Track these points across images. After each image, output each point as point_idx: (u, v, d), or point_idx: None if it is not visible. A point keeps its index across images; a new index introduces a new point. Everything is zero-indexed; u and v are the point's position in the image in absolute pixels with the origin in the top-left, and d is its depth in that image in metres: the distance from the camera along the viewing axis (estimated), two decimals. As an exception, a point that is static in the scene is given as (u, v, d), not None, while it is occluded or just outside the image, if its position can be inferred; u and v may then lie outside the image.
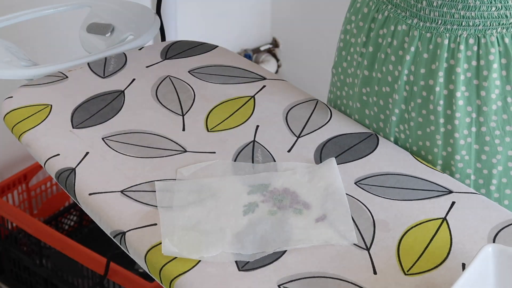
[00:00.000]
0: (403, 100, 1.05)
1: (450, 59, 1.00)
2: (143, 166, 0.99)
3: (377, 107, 1.09)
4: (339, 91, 1.17)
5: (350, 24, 1.12)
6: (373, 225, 0.91)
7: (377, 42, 1.07)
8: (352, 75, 1.13)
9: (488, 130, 1.01)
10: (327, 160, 1.00)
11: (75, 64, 1.22)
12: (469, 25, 0.98)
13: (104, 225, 0.93)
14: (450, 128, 1.02)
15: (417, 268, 0.85)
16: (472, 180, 1.03)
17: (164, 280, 0.85)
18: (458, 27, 0.99)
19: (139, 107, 1.11)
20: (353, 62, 1.12)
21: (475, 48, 0.98)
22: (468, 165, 1.03)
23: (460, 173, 1.03)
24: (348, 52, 1.13)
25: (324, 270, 0.85)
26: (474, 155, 1.02)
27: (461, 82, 1.00)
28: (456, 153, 1.03)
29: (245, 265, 0.85)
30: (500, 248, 0.80)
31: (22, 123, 1.07)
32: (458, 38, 0.99)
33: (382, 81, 1.07)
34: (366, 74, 1.09)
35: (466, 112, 1.01)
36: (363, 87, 1.10)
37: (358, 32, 1.10)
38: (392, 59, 1.05)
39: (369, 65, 1.09)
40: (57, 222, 2.11)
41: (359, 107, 1.12)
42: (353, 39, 1.11)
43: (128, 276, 1.72)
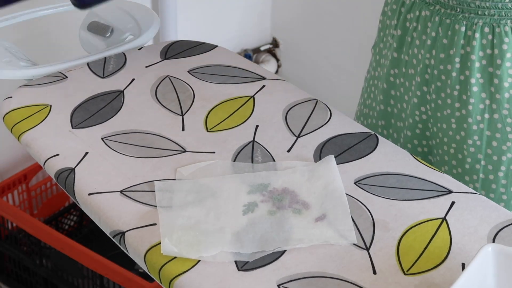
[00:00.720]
0: (425, 83, 1.10)
1: (466, 46, 1.04)
2: (143, 166, 0.99)
3: (403, 88, 1.14)
4: (374, 71, 1.21)
5: (387, 6, 1.16)
6: (373, 225, 0.91)
7: (404, 26, 1.11)
8: (385, 56, 1.17)
9: (500, 118, 1.04)
10: (326, 157, 1.00)
11: (75, 64, 1.22)
12: (485, 14, 1.02)
13: (103, 225, 0.93)
14: (464, 113, 1.06)
15: (417, 268, 0.85)
16: (482, 166, 1.06)
17: (163, 280, 0.85)
18: (474, 16, 1.02)
19: (139, 107, 1.11)
20: (387, 43, 1.16)
21: (490, 37, 1.02)
22: (479, 150, 1.06)
23: (471, 157, 1.06)
24: (384, 34, 1.17)
25: (324, 270, 0.85)
26: (485, 141, 1.05)
27: (475, 69, 1.04)
28: (469, 138, 1.06)
29: (244, 265, 0.85)
30: (500, 248, 0.80)
31: (22, 123, 1.07)
32: (474, 26, 1.02)
33: (408, 64, 1.12)
34: (395, 56, 1.14)
35: (480, 98, 1.04)
36: (392, 68, 1.15)
37: (392, 15, 1.14)
38: (417, 43, 1.09)
39: (398, 47, 1.13)
40: (57, 222, 2.11)
41: (385, 87, 1.16)
42: (388, 21, 1.16)
43: (128, 276, 1.72)
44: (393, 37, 1.14)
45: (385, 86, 1.17)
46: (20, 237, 1.93)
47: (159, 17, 1.47)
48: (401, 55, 1.13)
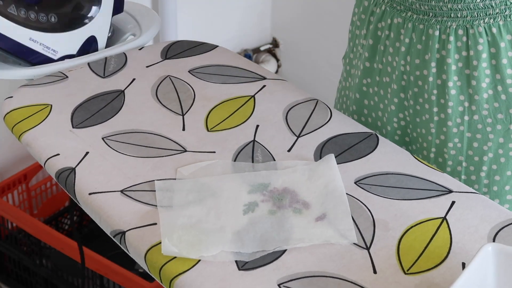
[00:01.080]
0: (402, 89, 1.09)
1: (442, 50, 1.03)
2: (143, 166, 0.99)
3: (378, 96, 1.13)
4: (345, 81, 1.20)
5: (354, 16, 1.15)
6: (373, 224, 0.91)
7: (376, 35, 1.10)
8: (355, 66, 1.16)
9: (480, 118, 1.04)
10: (326, 156, 1.00)
11: (75, 64, 1.22)
12: (458, 16, 1.01)
13: (104, 224, 0.93)
14: (443, 116, 1.06)
15: (417, 267, 0.85)
16: (463, 167, 1.06)
17: (164, 279, 0.85)
18: (447, 19, 1.02)
19: (139, 107, 1.11)
20: (357, 53, 1.15)
21: (464, 39, 1.01)
22: (460, 152, 1.06)
23: (452, 160, 1.06)
24: (354, 44, 1.16)
25: (324, 270, 0.85)
26: (466, 143, 1.05)
27: (452, 72, 1.03)
28: (449, 141, 1.06)
29: (245, 265, 0.85)
30: (500, 247, 0.80)
31: (22, 123, 1.07)
32: (447, 29, 1.02)
33: (382, 72, 1.11)
34: (367, 66, 1.13)
35: (459, 101, 1.04)
36: (364, 78, 1.14)
37: (361, 25, 1.13)
38: (390, 51, 1.08)
39: (370, 56, 1.12)
40: (57, 222, 2.11)
41: (358, 97, 1.15)
42: (357, 31, 1.15)
43: (128, 276, 1.72)
44: (364, 47, 1.13)
45: (357, 96, 1.16)
46: (20, 237, 1.94)
47: (159, 17, 1.47)
48: (373, 64, 1.12)
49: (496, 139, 1.04)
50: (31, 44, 1.20)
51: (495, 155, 1.05)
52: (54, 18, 1.20)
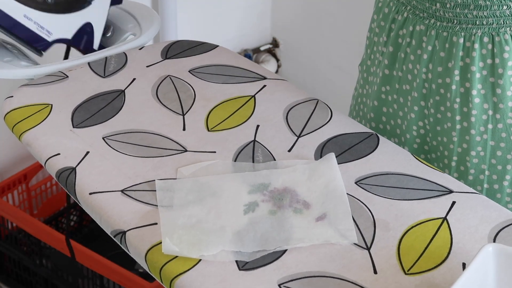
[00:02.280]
0: (422, 97, 1.07)
1: (466, 58, 1.01)
2: (144, 166, 0.99)
3: (397, 104, 1.11)
4: (361, 88, 1.19)
5: (373, 23, 1.14)
6: (374, 224, 0.91)
7: (397, 42, 1.09)
8: (373, 73, 1.15)
9: (504, 127, 1.02)
10: (326, 155, 1.00)
11: (76, 63, 1.22)
12: (483, 24, 0.99)
13: (104, 224, 0.93)
14: (466, 125, 1.04)
15: (418, 267, 0.85)
16: (486, 176, 1.05)
17: (164, 279, 0.85)
18: (472, 26, 1.00)
19: (140, 107, 1.11)
20: (375, 61, 1.14)
21: (490, 47, 1.00)
22: (483, 161, 1.04)
23: (474, 169, 1.05)
24: (372, 51, 1.15)
25: (325, 270, 0.85)
26: (489, 151, 1.04)
27: (476, 80, 1.02)
28: (472, 149, 1.04)
29: (245, 265, 0.85)
30: (501, 248, 0.80)
31: (23, 122, 1.07)
32: (472, 36, 1.00)
33: (402, 80, 1.09)
34: (386, 73, 1.11)
35: (483, 109, 1.03)
36: (383, 85, 1.12)
37: (380, 32, 1.12)
38: (411, 58, 1.07)
39: (390, 64, 1.11)
40: (57, 222, 2.11)
41: (376, 105, 1.14)
42: (375, 38, 1.13)
43: (128, 276, 1.72)
44: (383, 54, 1.12)
45: (375, 104, 1.15)
46: (20, 237, 1.93)
47: (159, 16, 1.47)
48: (393, 71, 1.11)
49: None
50: (25, 21, 1.19)
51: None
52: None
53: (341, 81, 2.39)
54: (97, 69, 1.19)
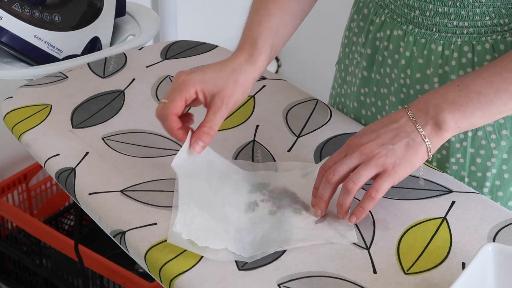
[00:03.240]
0: (400, 102, 1.06)
1: (445, 66, 1.00)
2: (143, 166, 0.99)
3: (375, 107, 1.10)
4: (339, 88, 1.17)
5: (353, 23, 1.12)
6: (373, 224, 0.91)
7: (374, 45, 1.07)
8: (351, 73, 1.13)
9: (484, 134, 1.01)
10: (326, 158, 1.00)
11: (75, 64, 1.22)
12: (463, 33, 0.97)
13: (104, 224, 0.93)
14: None
15: (417, 267, 0.85)
16: (465, 183, 1.04)
17: (164, 279, 0.85)
18: (452, 35, 0.98)
19: (139, 107, 1.11)
20: (354, 61, 1.12)
21: (470, 56, 0.98)
22: (463, 168, 1.03)
23: (454, 175, 1.04)
24: (350, 50, 1.13)
25: (324, 270, 0.85)
26: (469, 158, 1.02)
27: None
28: (451, 156, 1.03)
29: (245, 265, 0.85)
30: (500, 247, 0.80)
31: (22, 123, 1.07)
32: (452, 45, 0.98)
33: (380, 83, 1.08)
34: (365, 75, 1.10)
35: None
36: (362, 87, 1.11)
37: (359, 32, 1.10)
38: (389, 62, 1.05)
39: (368, 66, 1.09)
40: (57, 222, 2.11)
41: (356, 106, 1.12)
42: (354, 37, 1.12)
43: (128, 276, 1.72)
44: (362, 55, 1.10)
45: (355, 105, 1.13)
46: (20, 237, 1.93)
47: (159, 17, 1.47)
48: (371, 74, 1.09)
49: (500, 155, 1.01)
50: (36, 41, 1.20)
51: (499, 171, 1.02)
52: (58, 17, 1.20)
53: (341, 81, 2.38)
54: (97, 69, 1.19)
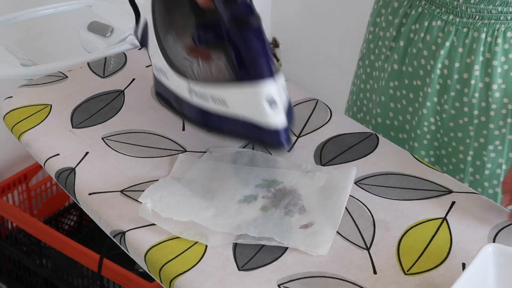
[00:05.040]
0: (436, 94, 1.07)
1: (487, 53, 1.01)
2: (143, 166, 0.99)
3: (406, 100, 1.11)
4: (363, 83, 1.17)
5: (380, 17, 1.13)
6: (373, 225, 0.91)
7: (408, 37, 1.08)
8: (379, 68, 1.14)
9: None
10: (348, 168, 0.98)
11: (75, 64, 1.22)
12: (507, 19, 0.99)
13: (104, 224, 0.93)
14: (484, 119, 1.04)
15: (417, 267, 0.85)
16: (503, 170, 1.05)
17: (163, 279, 0.85)
18: (496, 21, 1.00)
19: (139, 107, 1.11)
20: (381, 55, 1.13)
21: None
22: (501, 155, 1.04)
23: (491, 163, 1.05)
24: (376, 45, 1.14)
25: (324, 270, 0.85)
26: (507, 145, 1.04)
27: (498, 75, 1.01)
28: (490, 144, 1.04)
29: (245, 265, 0.85)
30: (500, 248, 0.80)
31: (22, 123, 1.07)
32: (496, 32, 1.00)
33: (413, 75, 1.09)
34: (395, 68, 1.10)
35: (503, 103, 1.02)
36: (392, 80, 1.11)
37: (387, 26, 1.11)
38: (425, 54, 1.06)
39: (400, 59, 1.10)
40: (57, 222, 2.11)
41: (383, 100, 1.13)
42: (381, 32, 1.12)
43: (128, 276, 1.72)
44: (392, 49, 1.11)
45: (382, 99, 1.14)
46: (20, 237, 1.93)
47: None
48: (402, 66, 1.10)
49: None
50: None
51: None
52: None
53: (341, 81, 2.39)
54: (97, 69, 1.19)
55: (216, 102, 0.86)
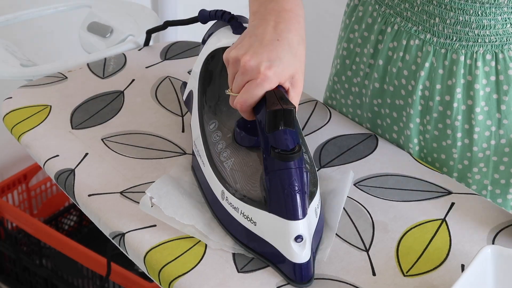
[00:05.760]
0: (418, 114, 1.04)
1: (468, 75, 0.98)
2: (143, 167, 0.99)
3: (390, 119, 1.08)
4: (343, 99, 1.14)
5: (353, 33, 1.09)
6: (372, 226, 0.91)
7: (387, 55, 1.04)
8: (358, 84, 1.11)
9: (508, 142, 1.00)
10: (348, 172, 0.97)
11: (75, 64, 1.22)
12: (485, 41, 0.96)
13: (103, 226, 0.93)
14: (468, 142, 1.01)
15: (416, 269, 0.85)
16: (489, 191, 1.03)
17: (163, 281, 0.85)
18: (474, 44, 0.97)
19: (139, 108, 1.11)
20: (359, 72, 1.10)
21: (493, 64, 0.97)
22: (486, 177, 1.02)
23: (476, 185, 1.03)
24: (353, 61, 1.11)
25: (323, 272, 0.85)
26: (492, 167, 1.01)
27: (480, 98, 0.98)
28: (474, 166, 1.02)
29: (244, 267, 0.85)
30: (499, 250, 0.80)
31: (22, 123, 1.07)
32: (474, 54, 0.97)
33: (395, 94, 1.06)
34: (376, 86, 1.07)
35: (486, 126, 1.00)
36: (375, 98, 1.09)
37: (363, 42, 1.07)
38: (405, 74, 1.03)
39: (380, 77, 1.06)
40: (57, 222, 2.11)
41: (371, 117, 1.10)
42: (358, 48, 1.09)
43: (128, 276, 1.72)
44: (371, 67, 1.07)
45: (370, 116, 1.11)
46: (20, 237, 1.94)
47: (159, 17, 1.47)
48: (383, 85, 1.06)
49: None
50: None
51: None
52: None
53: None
54: (96, 70, 1.19)
55: (246, 217, 0.85)
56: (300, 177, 0.81)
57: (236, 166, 0.89)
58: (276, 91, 0.84)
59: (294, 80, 0.86)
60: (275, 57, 0.84)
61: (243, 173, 0.88)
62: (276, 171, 0.81)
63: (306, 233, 0.81)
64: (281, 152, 0.81)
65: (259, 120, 0.84)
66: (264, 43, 0.85)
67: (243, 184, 0.87)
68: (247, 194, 0.85)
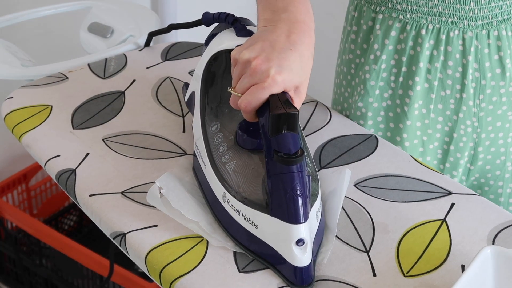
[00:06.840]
0: (472, 97, 1.08)
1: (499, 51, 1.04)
2: (144, 168, 0.99)
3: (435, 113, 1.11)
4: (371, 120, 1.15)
5: (381, 51, 1.10)
6: (372, 227, 0.91)
7: (426, 55, 1.07)
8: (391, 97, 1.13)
9: None
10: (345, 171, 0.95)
11: (75, 64, 1.22)
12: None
13: (104, 226, 0.93)
14: None
15: (417, 270, 0.86)
16: None
17: (164, 282, 0.85)
18: (509, 16, 1.03)
19: (140, 108, 1.11)
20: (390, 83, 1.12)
21: None
22: None
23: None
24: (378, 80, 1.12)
25: (323, 273, 0.85)
26: None
27: None
28: None
29: (245, 267, 0.85)
30: (499, 250, 0.81)
31: (23, 124, 1.07)
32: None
33: (440, 87, 1.09)
34: (418, 89, 1.09)
35: None
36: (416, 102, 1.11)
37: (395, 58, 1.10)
38: (450, 64, 1.07)
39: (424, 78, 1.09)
40: (57, 222, 2.11)
41: (410, 124, 1.12)
42: (384, 65, 1.11)
43: (128, 276, 1.72)
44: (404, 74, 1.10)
45: (408, 123, 1.13)
46: (20, 237, 1.94)
47: (159, 17, 1.48)
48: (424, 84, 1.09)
49: None
50: None
51: None
52: None
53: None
54: (97, 70, 1.19)
55: (247, 220, 0.85)
56: (302, 181, 0.81)
57: (238, 168, 0.90)
58: (280, 95, 0.84)
59: (298, 91, 0.87)
60: (286, 65, 0.85)
61: (244, 175, 0.89)
62: (278, 174, 0.81)
63: (307, 236, 0.82)
64: (283, 156, 0.81)
65: (262, 124, 0.84)
66: (276, 50, 0.86)
67: (245, 187, 0.87)
68: (248, 196, 0.85)
